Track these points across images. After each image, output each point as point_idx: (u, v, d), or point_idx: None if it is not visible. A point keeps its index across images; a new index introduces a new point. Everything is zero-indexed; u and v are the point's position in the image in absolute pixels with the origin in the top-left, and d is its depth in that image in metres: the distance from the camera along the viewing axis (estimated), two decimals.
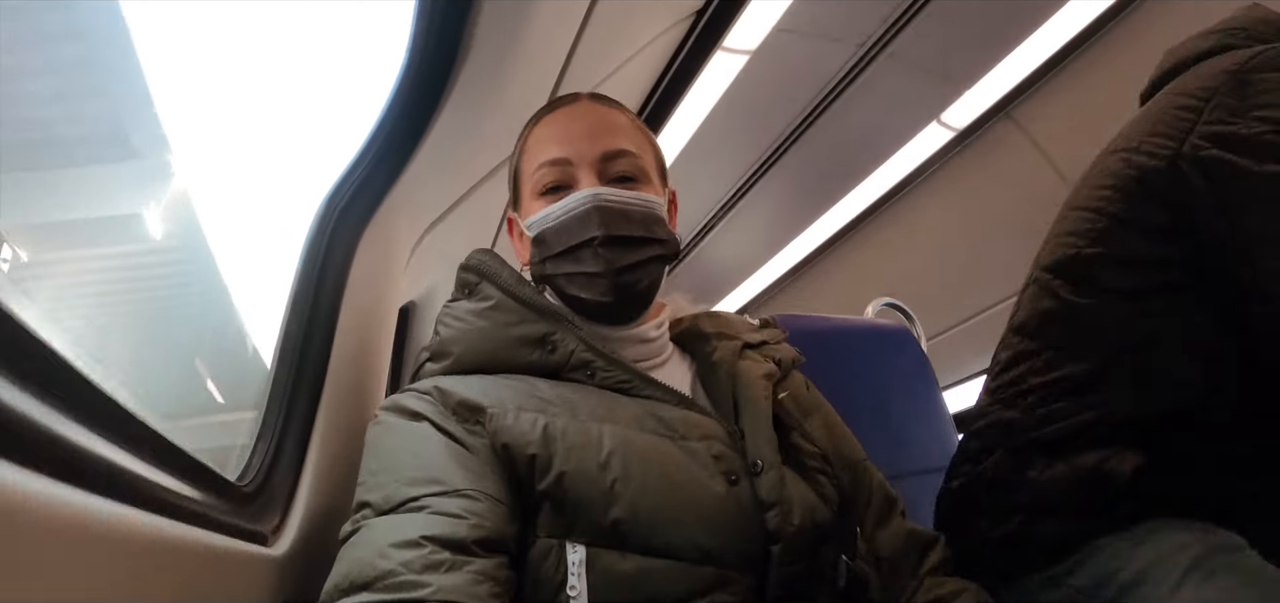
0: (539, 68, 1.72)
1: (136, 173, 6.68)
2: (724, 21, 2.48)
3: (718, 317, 1.29)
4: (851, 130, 3.33)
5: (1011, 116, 3.24)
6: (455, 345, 1.10)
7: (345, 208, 1.32)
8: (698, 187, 3.78)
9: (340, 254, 1.31)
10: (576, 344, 1.06)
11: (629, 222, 1.09)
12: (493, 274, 1.12)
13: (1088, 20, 2.77)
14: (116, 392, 0.69)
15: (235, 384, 3.64)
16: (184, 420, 1.23)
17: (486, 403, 0.97)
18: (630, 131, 1.18)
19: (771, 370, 1.14)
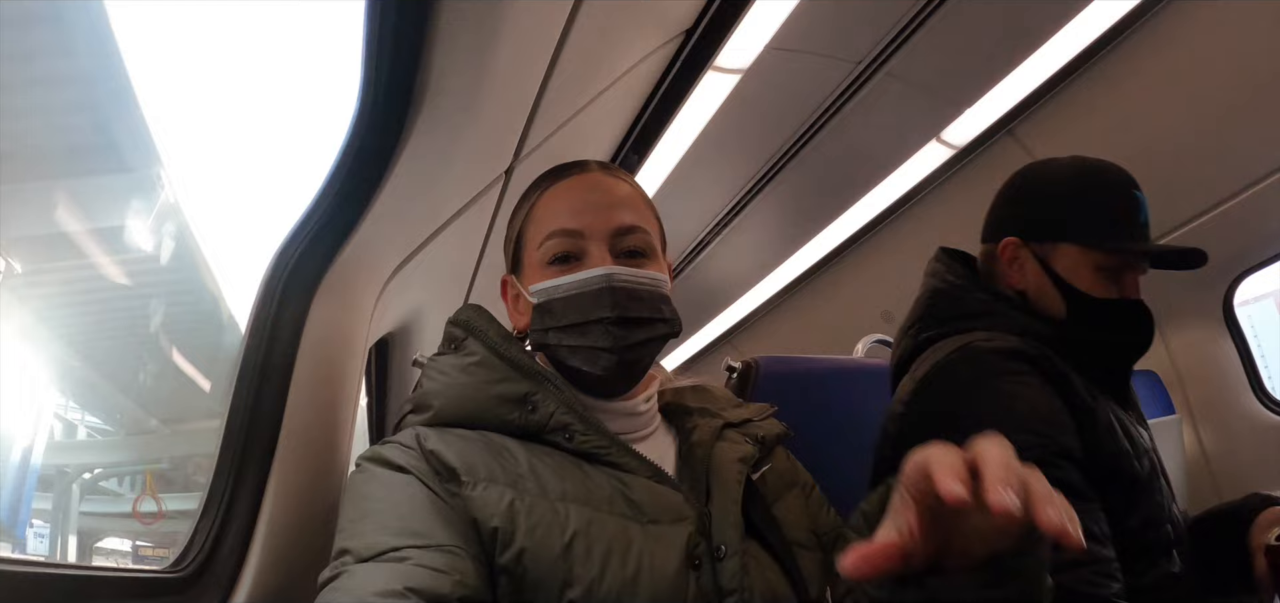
0: (510, 96, 1.65)
1: (128, 185, 6.63)
2: (715, 41, 2.41)
3: (703, 391, 1.30)
4: (849, 149, 3.27)
5: (1014, 133, 3.16)
6: (437, 399, 1.12)
7: (297, 263, 1.27)
8: (691, 205, 3.72)
9: (293, 311, 1.26)
10: (556, 406, 1.09)
11: (639, 302, 1.13)
12: (479, 331, 1.14)
13: (1091, 38, 2.71)
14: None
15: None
16: (183, 424, 1.21)
17: (460, 468, 1.00)
18: (639, 205, 1.22)
19: (747, 453, 1.14)
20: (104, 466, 11.19)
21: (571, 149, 2.23)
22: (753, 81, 2.66)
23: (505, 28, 1.40)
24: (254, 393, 1.20)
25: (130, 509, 11.42)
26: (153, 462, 10.93)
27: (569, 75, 1.82)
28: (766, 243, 4.21)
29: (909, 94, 2.94)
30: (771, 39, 2.48)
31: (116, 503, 12.09)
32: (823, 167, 3.37)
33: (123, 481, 12.01)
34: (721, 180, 3.53)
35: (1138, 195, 1.55)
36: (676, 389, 1.30)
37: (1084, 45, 2.74)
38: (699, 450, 1.14)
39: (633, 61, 2.20)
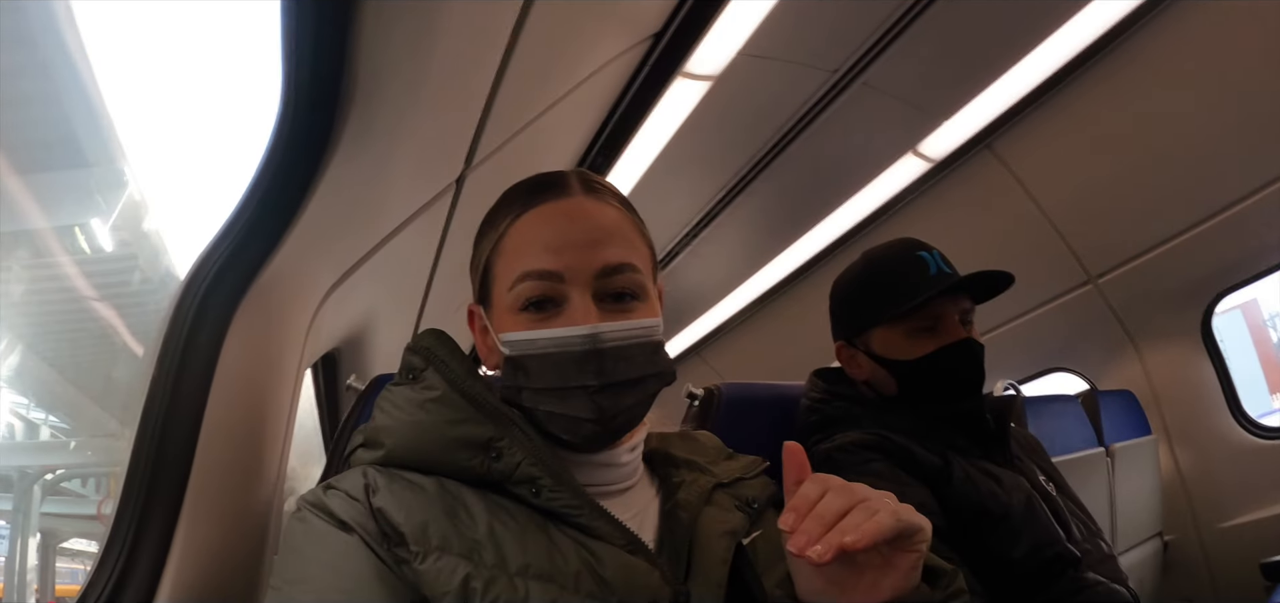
0: (455, 100, 1.56)
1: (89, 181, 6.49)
2: (684, 46, 2.33)
3: (691, 441, 1.15)
4: (824, 159, 3.21)
5: (991, 148, 3.13)
6: (389, 436, 0.98)
7: (213, 282, 1.16)
8: (659, 215, 3.63)
9: (208, 335, 1.15)
10: (523, 456, 0.94)
11: (629, 362, 0.97)
12: (441, 362, 1.00)
13: (1070, 55, 2.68)
14: None
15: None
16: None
17: (410, 534, 0.87)
18: (629, 234, 1.04)
19: (736, 526, 1.00)
20: (67, 467, 11.04)
21: (531, 156, 2.15)
22: (724, 88, 2.58)
23: (444, 29, 1.31)
24: (161, 427, 1.08)
25: (94, 511, 11.27)
26: (117, 464, 10.79)
27: (525, 78, 1.74)
28: (737, 255, 4.15)
29: (886, 105, 2.88)
30: (744, 45, 2.40)
31: (79, 504, 11.93)
32: (796, 177, 3.31)
33: (86, 482, 11.85)
34: (691, 190, 3.46)
35: (922, 255, 1.60)
36: (663, 437, 1.15)
37: (1062, 62, 2.71)
38: (684, 514, 1.00)
39: (597, 65, 2.12)
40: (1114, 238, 3.21)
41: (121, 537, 1.07)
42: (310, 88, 1.07)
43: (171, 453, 1.11)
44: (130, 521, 1.06)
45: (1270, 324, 16.05)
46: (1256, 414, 3.30)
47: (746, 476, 1.11)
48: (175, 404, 1.11)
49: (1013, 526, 1.44)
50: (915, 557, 0.82)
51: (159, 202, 7.22)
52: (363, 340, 2.07)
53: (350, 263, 1.56)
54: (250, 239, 1.18)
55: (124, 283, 7.98)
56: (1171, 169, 2.88)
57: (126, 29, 7.66)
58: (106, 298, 8.12)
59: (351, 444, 1.02)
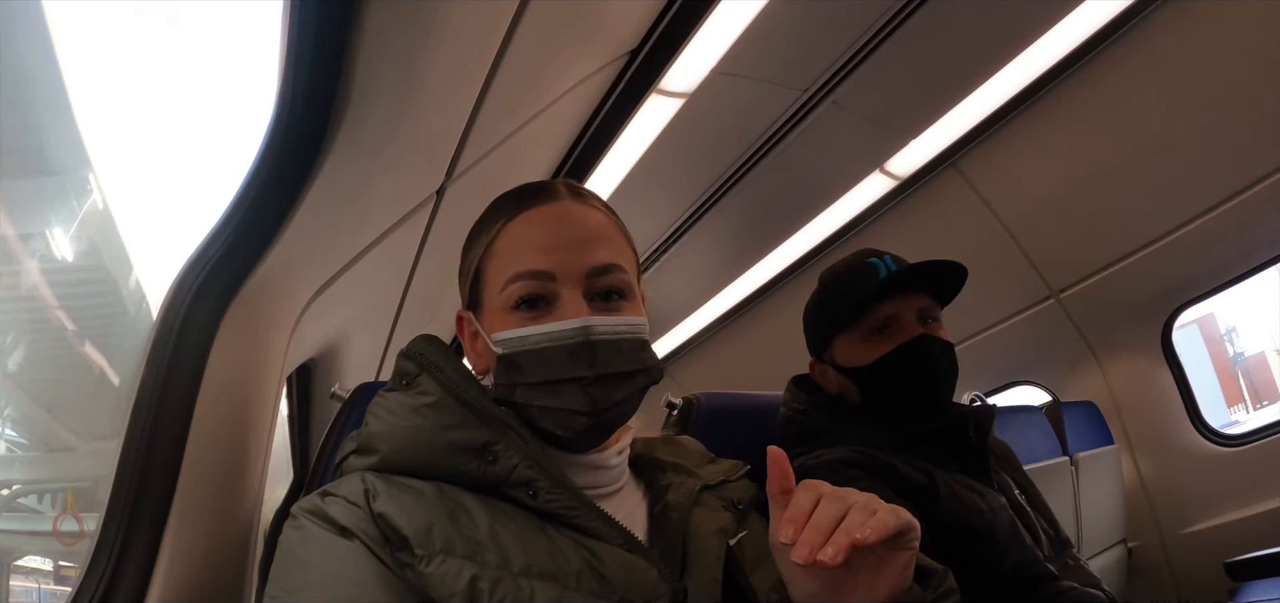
0: (442, 113, 1.58)
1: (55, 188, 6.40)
2: (659, 63, 2.35)
3: (676, 445, 1.18)
4: (793, 176, 3.24)
5: (957, 167, 3.19)
6: (383, 442, 0.98)
7: (202, 286, 1.16)
8: (633, 227, 3.59)
9: (196, 340, 1.15)
10: (519, 459, 0.96)
11: (620, 356, 1.00)
12: (435, 367, 1.01)
13: (1035, 75, 2.75)
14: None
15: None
16: (109, 442, 1.11)
17: (413, 537, 0.87)
18: (615, 237, 1.08)
19: (725, 525, 1.03)
20: (23, 482, 10.76)
21: (508, 169, 2.17)
22: (697, 105, 2.62)
23: (438, 40, 1.32)
24: (149, 431, 1.08)
25: (50, 528, 10.99)
26: (76, 480, 10.54)
27: (506, 93, 1.76)
28: (707, 270, 4.17)
29: (854, 124, 2.93)
30: (718, 63, 2.44)
31: (36, 521, 11.62)
32: (766, 194, 3.35)
33: (42, 498, 11.56)
34: (663, 205, 3.48)
35: (872, 261, 1.62)
36: (648, 441, 1.18)
37: (1026, 82, 2.78)
38: (674, 515, 1.03)
39: (574, 81, 2.14)
40: (1076, 253, 3.28)
41: (110, 541, 1.06)
42: (307, 92, 1.08)
43: (160, 457, 1.10)
44: (119, 525, 1.05)
45: (1227, 338, 16.34)
46: (1216, 425, 3.38)
47: (730, 478, 1.14)
48: (164, 408, 1.11)
49: (998, 543, 1.45)
50: (908, 556, 0.85)
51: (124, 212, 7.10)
52: (338, 352, 2.06)
53: (332, 271, 1.57)
54: (240, 242, 1.18)
55: (84, 294, 7.84)
56: (1132, 186, 2.96)
57: (99, 39, 7.45)
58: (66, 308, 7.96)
59: (343, 451, 1.02)
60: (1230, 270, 3.16)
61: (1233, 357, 16.54)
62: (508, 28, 1.51)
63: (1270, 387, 15.91)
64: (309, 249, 1.38)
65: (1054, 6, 2.51)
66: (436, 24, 1.28)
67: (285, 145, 1.13)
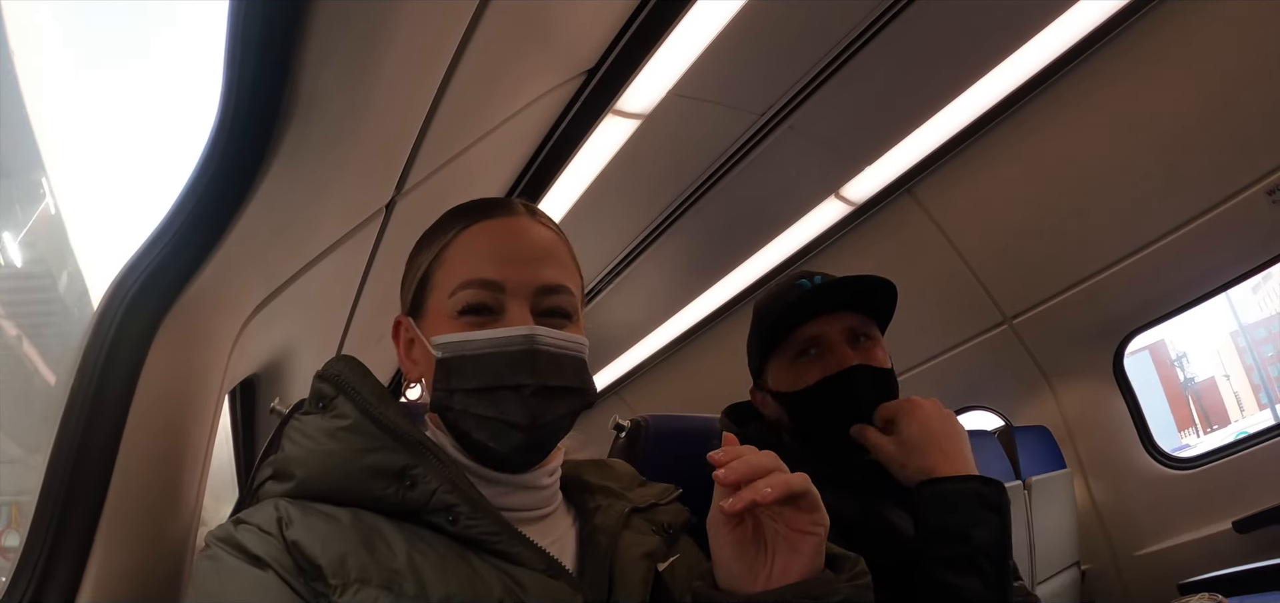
0: (393, 124, 1.56)
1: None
2: (616, 84, 2.35)
3: (605, 467, 1.18)
4: (748, 200, 3.26)
5: (912, 192, 3.23)
6: (299, 467, 0.95)
7: (136, 296, 1.12)
8: (584, 251, 3.54)
9: (129, 351, 1.11)
10: (438, 483, 0.93)
11: (561, 371, 1.00)
12: (351, 388, 0.98)
13: (990, 103, 2.79)
14: None
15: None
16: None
17: (326, 566, 0.83)
18: (566, 260, 1.10)
19: (653, 548, 1.02)
20: None
21: (460, 185, 2.15)
22: (653, 127, 2.61)
23: (389, 46, 1.30)
24: (77, 445, 1.03)
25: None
26: (19, 493, 10.28)
27: (460, 107, 1.74)
28: (661, 293, 4.17)
29: (809, 149, 2.95)
30: (674, 85, 2.44)
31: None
32: (720, 217, 3.36)
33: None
34: (617, 227, 3.47)
35: (801, 281, 1.55)
36: (576, 464, 1.16)
37: (981, 110, 2.82)
38: (602, 538, 1.01)
39: (530, 98, 2.13)
40: (1028, 279, 3.33)
41: (32, 563, 1.01)
42: (251, 98, 1.05)
43: (88, 474, 1.06)
44: (42, 546, 1.00)
45: (1178, 364, 16.69)
46: (1168, 449, 3.44)
47: (661, 502, 1.13)
48: (93, 422, 1.06)
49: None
50: (816, 540, 0.90)
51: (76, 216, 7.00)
52: (283, 367, 2.02)
53: (277, 283, 1.53)
54: (178, 251, 1.13)
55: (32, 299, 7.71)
56: (1085, 213, 3.02)
57: (54, 38, 7.32)
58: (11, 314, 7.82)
59: (260, 477, 0.99)
60: (1181, 297, 3.23)
61: (1183, 382, 16.91)
62: (461, 39, 1.49)
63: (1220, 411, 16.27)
64: (252, 260, 1.35)
65: (1009, 36, 2.56)
66: (388, 29, 1.26)
67: (228, 150, 1.09)
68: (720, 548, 0.92)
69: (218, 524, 0.92)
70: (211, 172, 1.12)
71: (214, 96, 1.07)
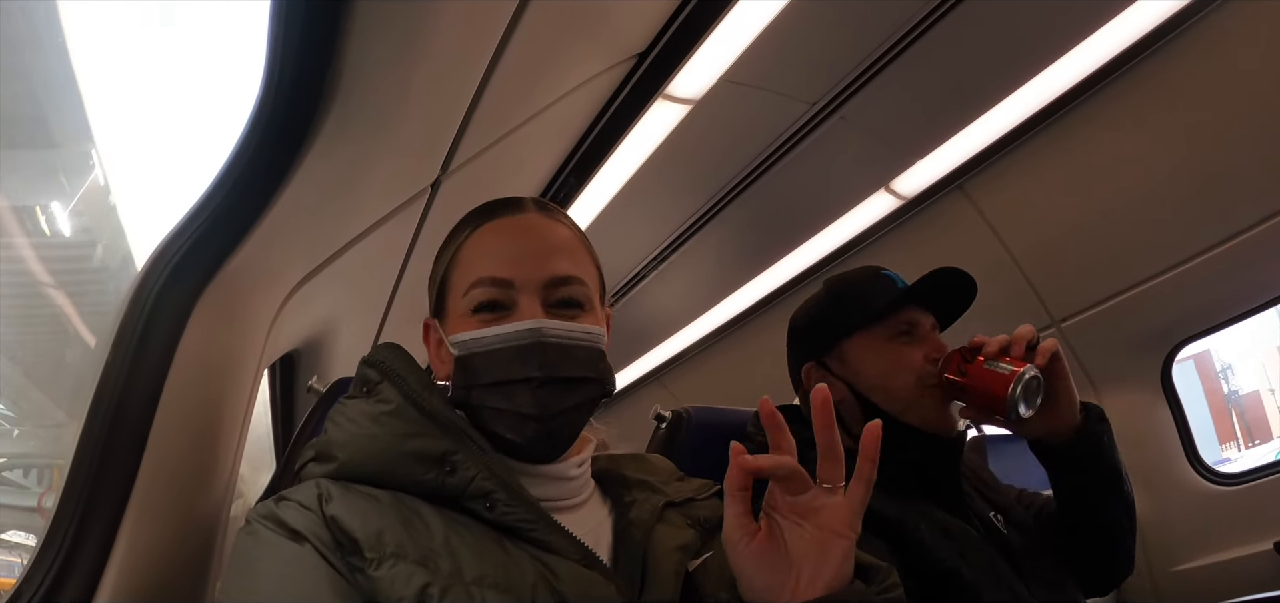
0: (439, 103, 1.53)
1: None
2: (667, 68, 2.32)
3: (643, 462, 1.18)
4: (797, 190, 3.21)
5: (963, 189, 3.16)
6: (341, 450, 0.98)
7: (175, 270, 1.12)
8: (629, 236, 3.62)
9: (166, 325, 1.11)
10: (478, 470, 0.95)
11: (572, 361, 1.02)
12: (396, 375, 1.01)
13: (1044, 102, 2.72)
14: None
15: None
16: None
17: (365, 541, 0.86)
18: (578, 252, 1.11)
19: (687, 541, 1.03)
20: (9, 456, 10.72)
21: (506, 167, 2.13)
22: (703, 113, 2.58)
23: (437, 26, 1.29)
24: (111, 418, 1.04)
25: (35, 503, 10.94)
26: (62, 456, 10.48)
27: (508, 88, 1.72)
28: (705, 281, 4.13)
29: (861, 140, 2.90)
30: (726, 71, 2.40)
31: (20, 495, 11.58)
32: (768, 206, 3.32)
33: (28, 473, 11.52)
34: (663, 213, 3.44)
35: (887, 274, 1.60)
36: (614, 457, 1.18)
37: (1037, 107, 2.74)
38: (637, 532, 1.03)
39: (579, 81, 2.11)
40: (1079, 282, 3.24)
41: (62, 532, 1.02)
42: (295, 75, 1.04)
43: (121, 446, 1.06)
44: (72, 515, 1.02)
45: (1222, 375, 16.37)
46: (1208, 462, 3.33)
47: (698, 497, 1.14)
48: (128, 394, 1.07)
49: (981, 585, 1.39)
50: (844, 545, 0.88)
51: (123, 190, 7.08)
52: (323, 344, 2.02)
53: (318, 261, 1.53)
54: (218, 226, 1.14)
55: (81, 269, 7.80)
56: (1139, 217, 2.92)
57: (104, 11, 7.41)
58: (61, 284, 7.93)
59: (302, 458, 1.02)
60: (1234, 308, 3.12)
61: (1227, 394, 16.59)
62: (511, 18, 1.47)
63: (1263, 426, 15.95)
64: (294, 236, 1.34)
65: (1067, 34, 2.49)
66: (435, 13, 1.24)
67: (271, 126, 1.09)
68: (742, 562, 0.90)
69: (257, 498, 0.95)
70: (254, 147, 1.12)
71: (260, 65, 1.06)
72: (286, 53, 1.03)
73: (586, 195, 2.94)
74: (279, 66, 1.04)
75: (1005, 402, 1.39)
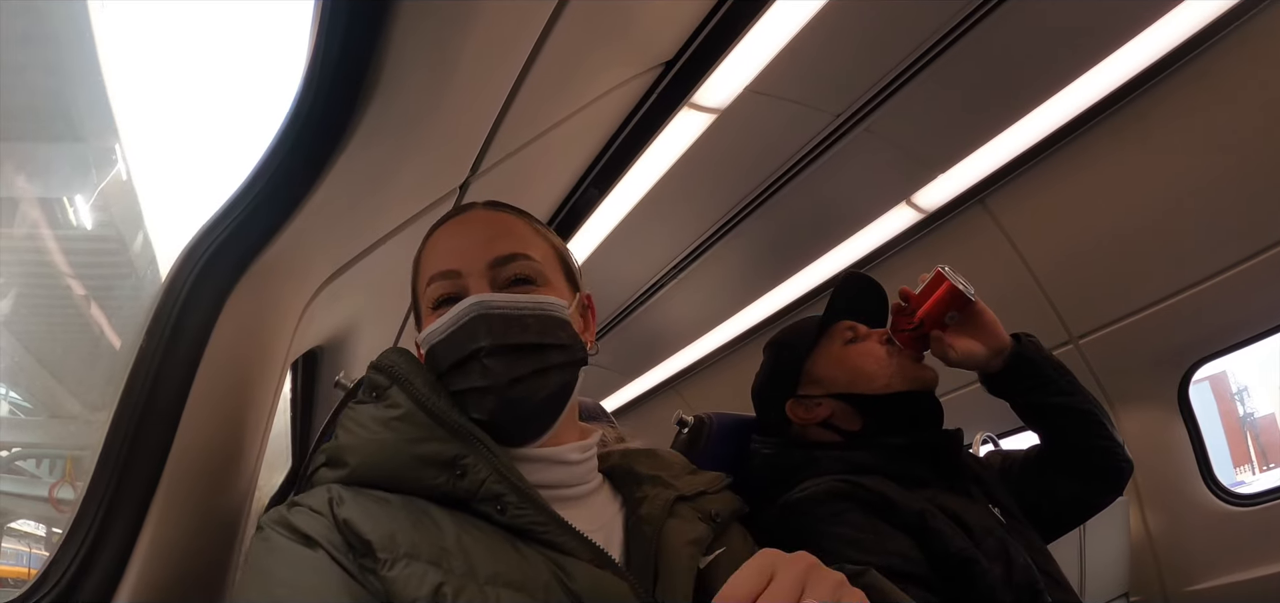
0: (473, 104, 1.54)
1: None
2: (693, 77, 2.34)
3: (655, 456, 1.17)
4: (819, 201, 3.23)
5: (984, 203, 3.16)
6: (352, 455, 0.98)
7: (211, 260, 1.12)
8: (650, 243, 3.62)
9: (200, 314, 1.11)
10: (489, 473, 0.95)
11: (521, 328, 1.02)
12: (404, 379, 1.01)
13: (1066, 119, 2.73)
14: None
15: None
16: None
17: (377, 542, 0.86)
18: (524, 232, 1.13)
19: (700, 535, 1.03)
20: (23, 446, 10.79)
21: (535, 170, 2.14)
22: (728, 122, 2.59)
23: (472, 32, 1.30)
24: (142, 408, 1.04)
25: (47, 493, 11.00)
26: (76, 448, 10.53)
27: (538, 92, 1.72)
28: (724, 289, 4.14)
29: (885, 153, 2.90)
30: (752, 81, 2.42)
31: (33, 485, 11.65)
32: (789, 217, 3.32)
33: (40, 463, 11.58)
34: (685, 221, 3.45)
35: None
36: (626, 452, 1.16)
37: (1059, 123, 2.75)
38: (648, 527, 1.02)
39: (607, 87, 2.11)
40: (1097, 299, 3.23)
41: (87, 522, 1.01)
42: (337, 70, 1.06)
43: (150, 437, 1.06)
44: (99, 506, 1.01)
45: (1238, 397, 16.18)
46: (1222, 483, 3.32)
47: (710, 490, 1.14)
48: (159, 385, 1.07)
49: (995, 568, 1.40)
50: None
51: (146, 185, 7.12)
52: (347, 342, 2.02)
53: (347, 258, 1.53)
54: (255, 218, 1.14)
55: (101, 262, 7.84)
56: (1159, 236, 2.92)
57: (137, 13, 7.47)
58: (81, 275, 7.97)
59: (314, 464, 1.02)
60: (1251, 328, 3.11)
61: (1243, 416, 16.42)
62: (544, 26, 1.48)
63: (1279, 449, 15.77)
64: (326, 231, 1.35)
65: (1090, 51, 2.50)
66: (472, 15, 1.25)
67: (309, 123, 1.10)
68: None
69: (270, 502, 0.99)
70: (293, 141, 1.13)
71: (295, 65, 1.07)
72: (329, 48, 1.04)
73: (608, 203, 2.95)
74: (321, 62, 1.05)
75: (956, 292, 1.53)
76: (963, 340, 1.57)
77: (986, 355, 1.57)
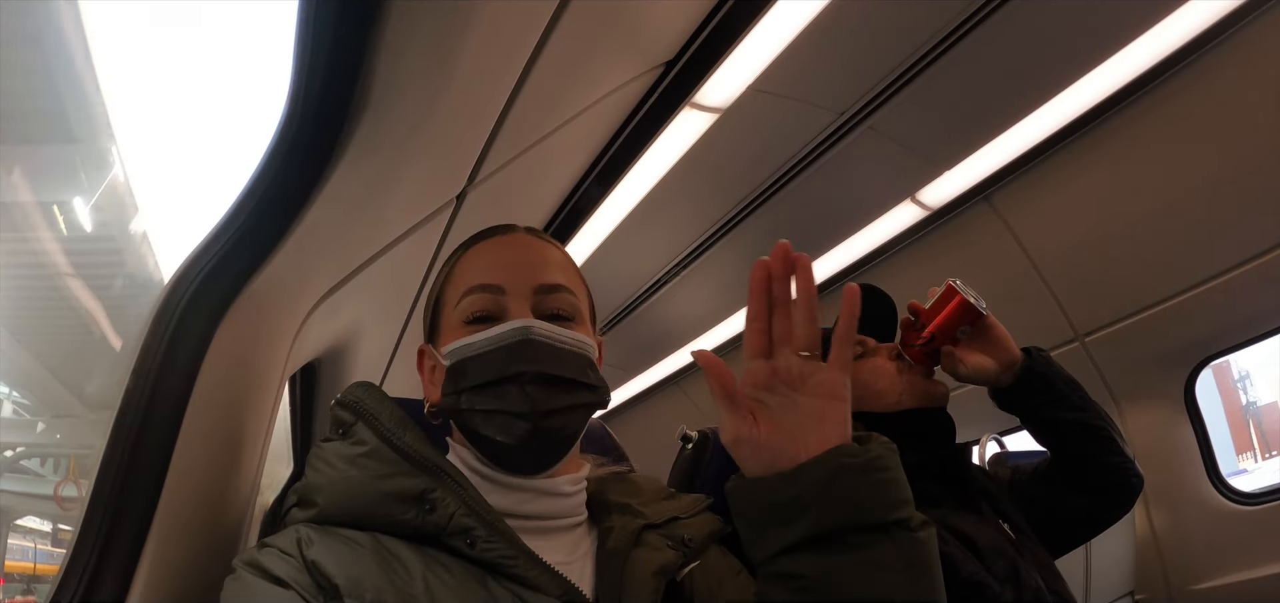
0: (469, 115, 1.51)
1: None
2: (695, 77, 2.30)
3: (626, 483, 1.16)
4: (822, 199, 3.20)
5: (990, 201, 3.13)
6: (321, 494, 0.97)
7: (200, 288, 1.09)
8: (652, 242, 3.61)
9: (192, 342, 1.09)
10: (457, 506, 0.94)
11: (562, 362, 1.01)
12: (370, 415, 1.01)
13: (1072, 116, 2.71)
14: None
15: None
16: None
17: (344, 585, 0.85)
18: (568, 269, 1.12)
19: (667, 562, 1.00)
20: (27, 445, 10.85)
21: (532, 176, 2.11)
22: (730, 122, 2.56)
23: (468, 39, 1.27)
24: (135, 437, 1.02)
25: (51, 492, 11.07)
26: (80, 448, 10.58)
27: (538, 98, 1.69)
28: (727, 287, 4.11)
29: (889, 150, 2.88)
30: (754, 80, 2.39)
31: (37, 484, 11.73)
32: (793, 215, 3.29)
33: (45, 462, 11.65)
34: (686, 220, 3.43)
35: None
36: (599, 480, 1.15)
37: (1065, 121, 2.73)
38: (614, 560, 1.00)
39: (608, 89, 2.08)
40: (1104, 297, 3.21)
41: (88, 549, 1.00)
42: (322, 93, 1.02)
43: (146, 463, 1.04)
44: (99, 531, 1.00)
45: (1240, 385, 16.18)
46: (1223, 472, 3.31)
47: (684, 515, 1.11)
48: (152, 413, 1.04)
49: (1008, 594, 1.40)
50: (843, 408, 0.90)
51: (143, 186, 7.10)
52: (345, 354, 2.00)
53: (343, 274, 1.50)
54: (243, 245, 1.12)
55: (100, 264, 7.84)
56: (1164, 233, 2.90)
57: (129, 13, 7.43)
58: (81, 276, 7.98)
59: (287, 504, 1.01)
60: (1258, 326, 3.09)
61: (1245, 405, 16.43)
62: (543, 31, 1.45)
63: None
64: (319, 252, 1.32)
65: (1096, 48, 2.47)
66: (468, 23, 1.22)
67: (298, 143, 1.07)
68: (749, 456, 0.90)
69: (244, 550, 0.95)
70: (280, 164, 1.11)
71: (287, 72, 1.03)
72: (314, 67, 1.00)
73: (611, 201, 2.93)
74: (306, 82, 1.01)
75: (968, 306, 1.53)
76: (973, 355, 1.56)
77: (997, 370, 1.56)
